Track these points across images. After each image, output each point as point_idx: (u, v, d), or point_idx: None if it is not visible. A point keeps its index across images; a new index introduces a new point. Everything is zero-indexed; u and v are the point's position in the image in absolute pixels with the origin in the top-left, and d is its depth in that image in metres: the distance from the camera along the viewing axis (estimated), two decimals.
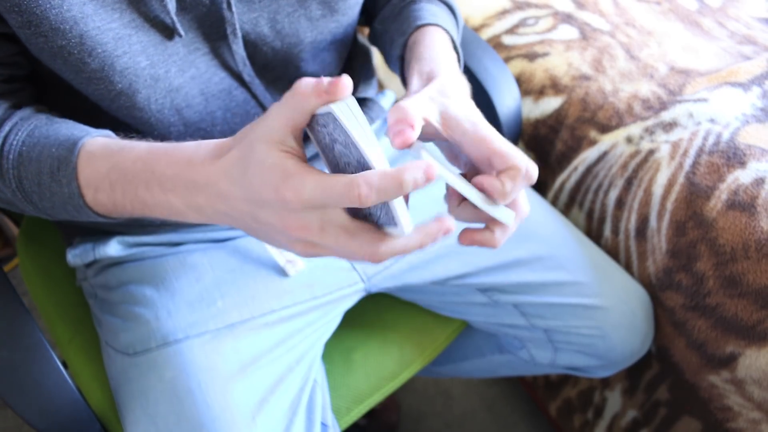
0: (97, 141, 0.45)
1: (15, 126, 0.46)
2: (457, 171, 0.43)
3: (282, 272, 0.60)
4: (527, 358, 0.76)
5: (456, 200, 0.42)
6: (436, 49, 0.52)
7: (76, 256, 0.61)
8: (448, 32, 0.57)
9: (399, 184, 0.33)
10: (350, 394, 0.68)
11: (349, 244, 0.36)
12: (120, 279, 0.59)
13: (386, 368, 0.71)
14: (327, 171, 0.40)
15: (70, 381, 0.53)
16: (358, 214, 0.39)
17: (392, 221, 0.36)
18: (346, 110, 0.35)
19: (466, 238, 0.42)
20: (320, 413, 0.57)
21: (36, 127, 0.46)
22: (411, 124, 0.38)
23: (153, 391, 0.52)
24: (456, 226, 0.38)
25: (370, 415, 1.10)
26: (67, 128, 0.46)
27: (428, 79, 0.47)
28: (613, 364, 0.71)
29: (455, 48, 0.57)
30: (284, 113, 0.36)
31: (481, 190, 0.40)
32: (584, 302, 0.66)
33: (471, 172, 0.44)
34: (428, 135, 0.43)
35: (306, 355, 0.59)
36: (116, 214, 0.45)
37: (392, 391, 0.71)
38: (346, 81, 0.35)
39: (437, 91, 0.44)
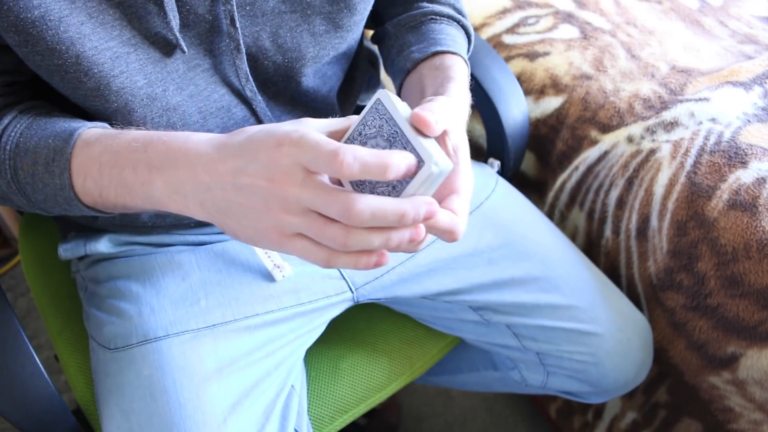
0: (95, 130, 0.45)
1: (15, 118, 0.47)
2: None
3: (269, 277, 0.60)
4: (518, 379, 0.75)
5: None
6: (460, 80, 0.53)
7: (66, 250, 0.62)
8: (467, 63, 0.57)
9: (384, 167, 0.34)
10: (335, 404, 0.68)
11: (325, 198, 0.35)
12: (109, 273, 0.59)
13: (373, 379, 0.70)
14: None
15: (45, 374, 0.54)
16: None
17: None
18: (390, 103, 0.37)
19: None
20: (294, 420, 0.57)
21: (35, 119, 0.46)
22: (433, 131, 0.38)
23: (129, 387, 0.52)
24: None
25: (371, 414, 1.10)
26: (65, 120, 0.46)
27: None
28: (605, 391, 0.70)
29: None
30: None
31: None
32: (578, 327, 0.65)
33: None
34: None
35: (285, 361, 0.58)
36: (101, 203, 0.44)
37: (378, 402, 0.70)
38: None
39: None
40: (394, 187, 0.37)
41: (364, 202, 0.34)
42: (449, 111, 0.40)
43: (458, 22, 0.62)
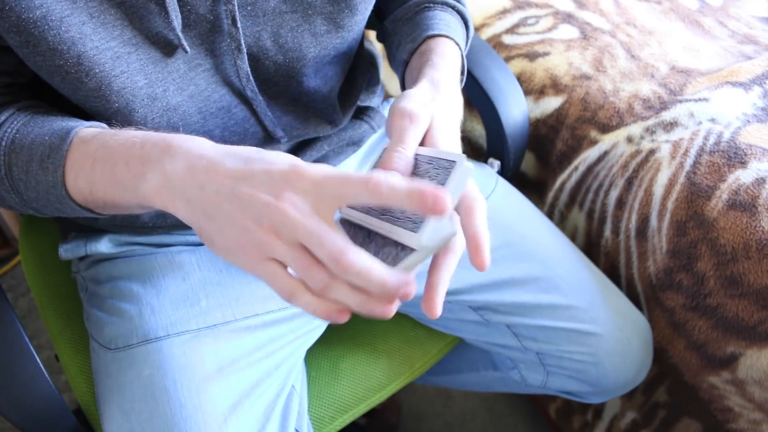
0: (93, 128, 0.44)
1: (12, 115, 0.46)
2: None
3: None
4: (518, 379, 0.75)
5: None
6: (441, 64, 0.52)
7: (67, 250, 0.62)
8: (458, 44, 0.56)
9: (408, 196, 0.32)
10: (335, 403, 0.68)
11: (322, 236, 0.33)
12: (110, 273, 0.59)
13: (374, 379, 0.70)
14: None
15: (46, 374, 0.54)
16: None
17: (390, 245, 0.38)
18: None
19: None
20: (294, 420, 0.57)
21: (32, 117, 0.46)
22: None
23: (130, 387, 0.52)
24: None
25: (370, 414, 1.10)
26: (63, 119, 0.46)
27: None
28: (605, 391, 0.70)
29: (462, 59, 0.57)
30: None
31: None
32: (578, 327, 0.65)
33: None
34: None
35: (286, 361, 0.58)
36: (92, 201, 0.43)
37: (378, 402, 0.70)
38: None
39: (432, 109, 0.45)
40: (404, 249, 0.38)
41: (356, 256, 0.33)
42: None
43: (453, 7, 0.61)
